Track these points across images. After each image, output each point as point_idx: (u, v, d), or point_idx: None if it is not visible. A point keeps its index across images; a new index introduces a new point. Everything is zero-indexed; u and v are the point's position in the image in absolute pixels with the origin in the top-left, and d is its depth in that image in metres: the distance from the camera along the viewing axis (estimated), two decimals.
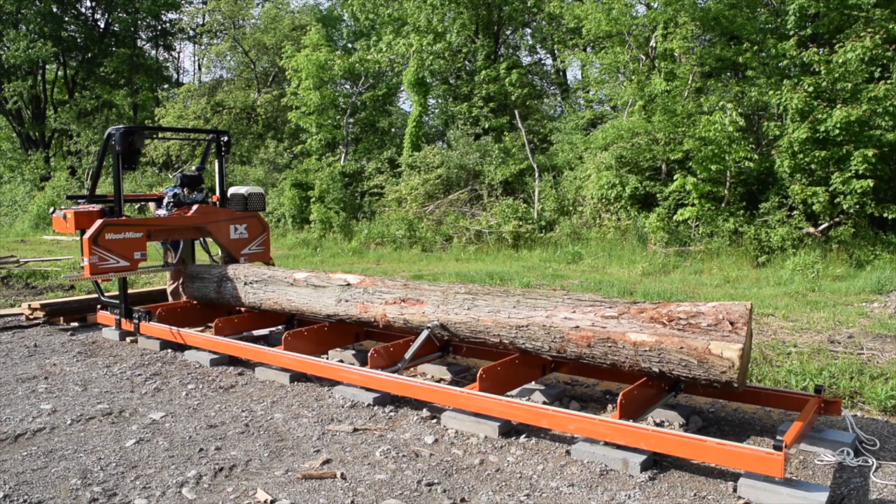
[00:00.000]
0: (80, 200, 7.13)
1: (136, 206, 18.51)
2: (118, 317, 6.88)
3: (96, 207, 6.74)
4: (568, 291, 8.28)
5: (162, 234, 7.00)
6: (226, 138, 7.63)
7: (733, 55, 13.21)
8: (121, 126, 6.54)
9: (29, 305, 7.86)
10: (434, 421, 4.49)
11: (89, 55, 28.11)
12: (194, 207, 7.09)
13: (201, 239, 7.55)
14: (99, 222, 6.30)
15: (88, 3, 29.33)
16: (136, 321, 6.69)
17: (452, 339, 5.14)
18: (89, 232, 6.23)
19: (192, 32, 29.77)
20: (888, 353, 5.80)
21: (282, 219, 18.87)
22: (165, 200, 7.23)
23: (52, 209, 7.03)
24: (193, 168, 7.62)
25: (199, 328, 6.82)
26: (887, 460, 3.79)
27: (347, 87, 22.10)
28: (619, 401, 3.88)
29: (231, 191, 7.63)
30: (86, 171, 25.93)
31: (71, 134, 27.02)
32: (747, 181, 13.11)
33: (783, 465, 3.20)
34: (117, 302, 6.90)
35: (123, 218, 6.62)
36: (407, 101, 22.03)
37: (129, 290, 9.19)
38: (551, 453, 3.96)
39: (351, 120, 20.50)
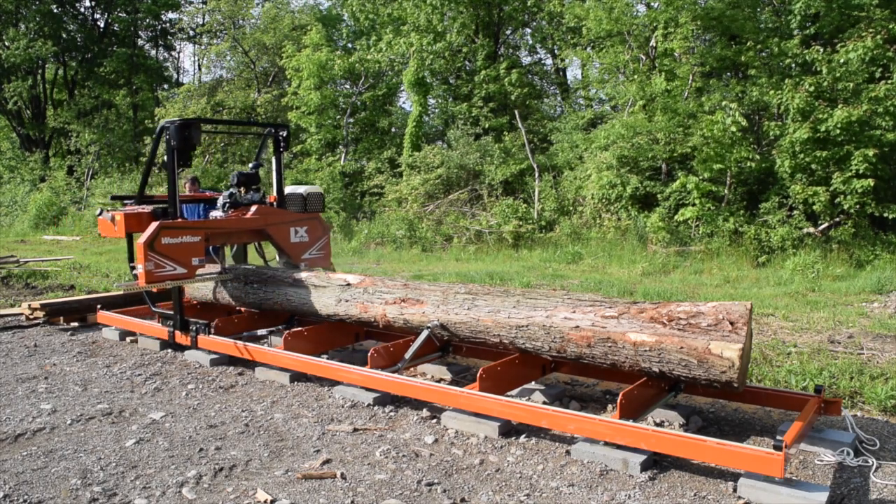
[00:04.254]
0: (126, 201, 6.68)
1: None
2: (171, 329, 6.29)
3: (147, 209, 6.32)
4: (568, 291, 8.27)
5: (221, 237, 6.44)
6: (284, 132, 7.00)
7: (734, 55, 13.22)
8: (175, 119, 5.93)
9: (29, 305, 7.86)
10: (434, 421, 4.49)
11: (89, 55, 28.11)
12: (253, 208, 6.53)
13: (255, 242, 7.08)
14: (155, 225, 5.68)
15: (88, 3, 29.36)
16: (192, 334, 6.12)
17: (452, 339, 5.14)
18: (145, 236, 5.63)
19: (192, 32, 29.77)
20: (888, 353, 5.80)
21: None
22: (221, 201, 6.68)
23: (98, 211, 6.55)
24: (249, 165, 6.98)
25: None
26: (887, 460, 3.79)
27: (347, 86, 22.10)
28: (619, 401, 3.88)
29: (288, 190, 7.10)
30: (85, 170, 25.94)
31: (70, 134, 27.01)
32: (747, 181, 13.12)
33: (783, 465, 3.20)
34: (170, 313, 6.31)
35: (180, 220, 6.07)
36: (407, 101, 22.05)
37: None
38: (551, 453, 3.96)
39: (351, 120, 20.50)
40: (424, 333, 4.98)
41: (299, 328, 5.97)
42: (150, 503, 3.43)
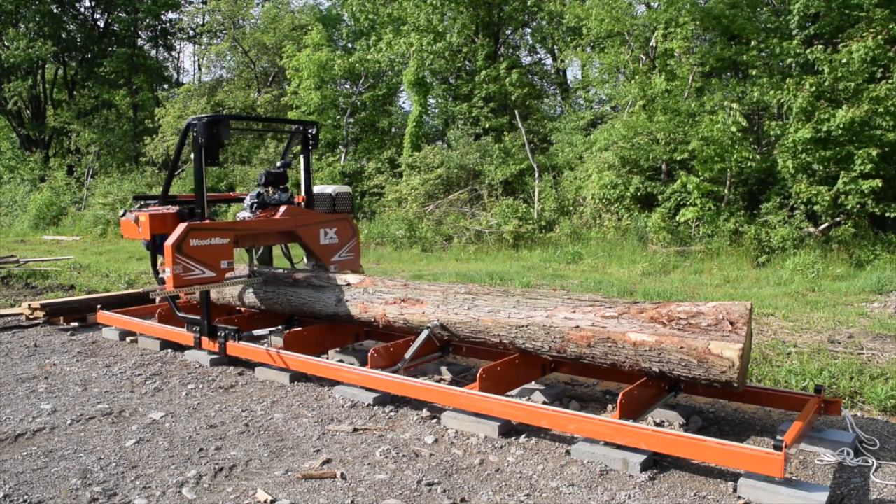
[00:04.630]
0: (149, 202, 6.42)
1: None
2: (197, 335, 6.00)
3: (172, 209, 6.08)
4: (568, 291, 8.27)
5: (249, 239, 6.19)
6: (313, 130, 6.76)
7: (734, 55, 13.22)
8: (203, 115, 5.71)
9: (29, 305, 7.86)
10: (434, 421, 4.49)
11: (89, 55, 28.11)
12: (282, 209, 6.27)
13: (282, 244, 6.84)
14: (183, 227, 5.42)
15: (88, 3, 29.36)
16: (221, 341, 5.82)
17: (452, 339, 5.14)
18: (173, 238, 5.36)
19: (192, 32, 29.78)
20: (888, 353, 5.80)
21: None
22: (248, 201, 6.45)
23: (122, 212, 6.25)
24: (278, 164, 6.69)
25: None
26: (887, 460, 3.79)
27: (347, 86, 22.10)
28: (619, 401, 3.88)
29: (316, 190, 6.85)
30: (85, 170, 25.94)
31: (70, 134, 27.02)
32: (748, 181, 13.12)
33: (783, 465, 3.20)
34: (197, 318, 6.02)
35: (208, 221, 5.79)
36: (407, 101, 22.05)
37: (129, 290, 9.22)
38: (551, 453, 3.96)
39: (351, 120, 20.50)
40: (424, 333, 4.98)
41: (299, 328, 5.98)
42: (150, 503, 3.43)
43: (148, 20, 29.59)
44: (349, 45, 24.05)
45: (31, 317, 7.83)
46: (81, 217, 22.66)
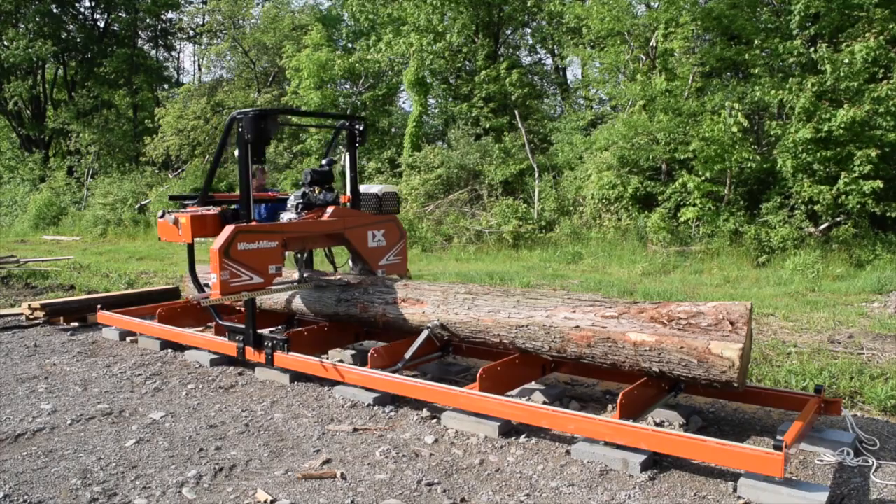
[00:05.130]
0: (187, 202, 6.08)
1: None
2: (241, 345, 5.60)
3: (212, 210, 5.77)
4: (568, 291, 8.28)
5: (298, 242, 5.82)
6: (361, 126, 6.32)
7: (734, 55, 13.22)
8: (248, 109, 5.35)
9: (29, 305, 7.86)
10: (434, 421, 4.49)
11: (89, 55, 28.12)
12: (329, 210, 5.88)
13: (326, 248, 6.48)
14: (230, 229, 5.09)
15: (88, 3, 29.37)
16: (268, 351, 5.43)
17: (452, 339, 5.14)
18: (220, 241, 5.03)
19: (192, 32, 29.78)
20: (888, 353, 5.80)
21: None
22: (292, 201, 6.04)
23: (160, 213, 5.86)
24: (323, 162, 6.30)
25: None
26: (887, 460, 3.79)
27: (347, 87, 22.10)
28: (619, 401, 3.88)
29: (362, 189, 6.51)
30: (85, 171, 25.94)
31: (70, 134, 27.03)
32: (748, 181, 13.11)
33: (783, 465, 3.20)
34: (239, 327, 5.64)
35: (254, 223, 5.43)
36: (407, 101, 22.05)
37: (130, 290, 9.22)
38: (551, 453, 3.96)
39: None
40: (424, 334, 4.98)
41: (299, 328, 5.97)
42: (150, 503, 3.43)
43: (148, 20, 29.58)
44: (349, 45, 24.06)
45: (31, 317, 7.83)
46: (81, 217, 22.67)
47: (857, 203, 11.09)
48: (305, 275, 6.15)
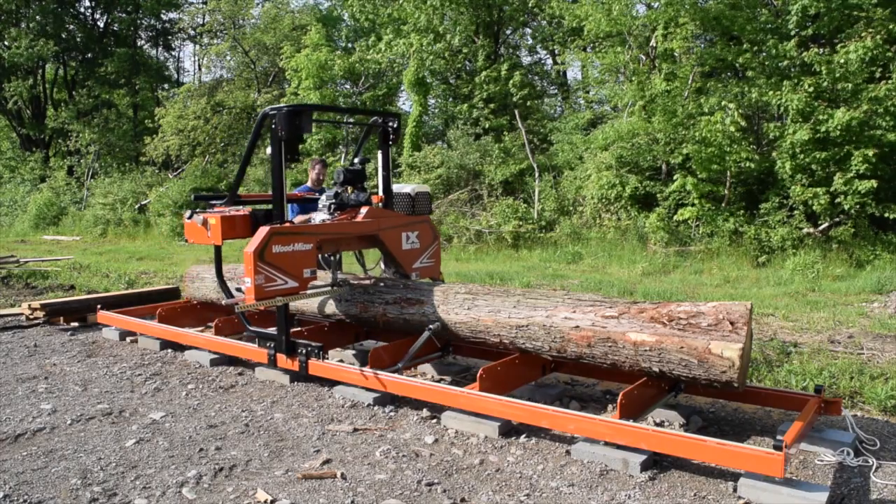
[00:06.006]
0: (214, 202, 5.83)
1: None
2: (272, 352, 5.38)
3: (243, 210, 5.56)
4: (568, 291, 8.28)
5: (332, 244, 5.56)
6: (395, 123, 6.03)
7: (733, 55, 13.22)
8: (282, 105, 5.15)
9: (29, 305, 7.86)
10: (434, 421, 4.49)
11: (89, 55, 28.12)
12: (363, 210, 5.63)
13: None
14: (265, 230, 4.85)
15: (88, 3, 29.36)
16: (302, 359, 5.21)
17: (452, 339, 5.13)
18: (255, 243, 4.80)
19: (192, 32, 29.78)
20: (888, 353, 5.80)
21: None
22: (324, 201, 5.76)
23: (188, 214, 5.61)
24: (356, 161, 6.01)
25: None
26: (887, 460, 3.79)
27: (347, 87, 22.10)
28: (619, 401, 3.88)
29: (394, 189, 6.24)
30: (85, 170, 25.95)
31: (70, 134, 27.04)
32: (747, 181, 13.11)
33: (783, 465, 3.20)
34: (270, 333, 5.42)
35: (288, 224, 5.21)
36: (407, 101, 22.05)
37: (130, 290, 9.22)
38: (551, 453, 3.96)
39: (351, 120, 20.49)
40: (425, 335, 4.96)
41: (299, 328, 5.97)
42: (150, 503, 3.43)
43: (148, 20, 29.59)
44: (349, 45, 24.06)
45: (31, 317, 7.84)
46: (81, 217, 22.67)
47: (855, 203, 11.09)
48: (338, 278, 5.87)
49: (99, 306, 7.44)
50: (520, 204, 15.13)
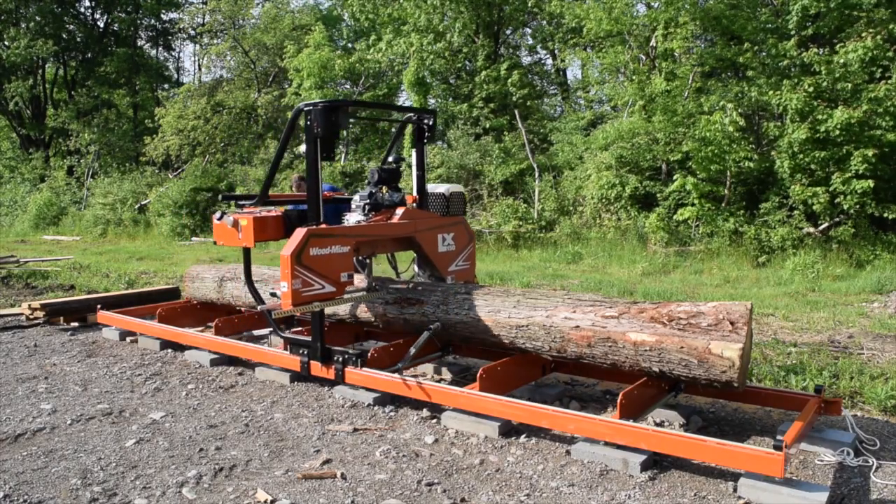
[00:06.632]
0: (243, 202, 5.63)
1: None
2: (305, 359, 5.17)
3: (274, 211, 5.41)
4: (568, 291, 8.28)
5: (369, 246, 5.37)
6: (430, 120, 5.81)
7: (734, 55, 13.22)
8: (317, 101, 4.92)
9: (29, 305, 7.86)
10: (434, 421, 4.49)
11: (89, 55, 28.13)
12: (398, 212, 5.44)
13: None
14: (303, 232, 4.63)
15: (88, 3, 29.37)
16: (338, 367, 5.00)
17: (452, 339, 5.13)
18: (291, 246, 4.59)
19: (192, 32, 29.79)
20: (888, 353, 5.80)
21: None
22: (358, 202, 5.56)
23: (218, 215, 5.38)
24: (390, 160, 5.86)
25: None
26: (887, 460, 3.79)
27: (348, 86, 22.10)
28: (619, 401, 3.87)
29: (428, 189, 6.06)
30: (85, 170, 25.95)
31: (70, 134, 27.05)
32: (747, 181, 13.11)
33: (783, 465, 3.20)
34: (304, 339, 5.23)
35: (324, 226, 4.93)
36: (407, 101, 22.03)
37: (130, 290, 9.22)
38: (551, 453, 3.96)
39: (351, 120, 20.48)
40: (426, 335, 4.96)
41: (298, 328, 5.97)
42: (151, 503, 3.43)
43: (148, 20, 29.60)
44: (349, 45, 24.07)
45: (31, 317, 7.84)
46: (81, 217, 22.68)
47: (854, 203, 11.08)
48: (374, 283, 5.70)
49: (99, 306, 7.44)
50: (520, 204, 15.13)
